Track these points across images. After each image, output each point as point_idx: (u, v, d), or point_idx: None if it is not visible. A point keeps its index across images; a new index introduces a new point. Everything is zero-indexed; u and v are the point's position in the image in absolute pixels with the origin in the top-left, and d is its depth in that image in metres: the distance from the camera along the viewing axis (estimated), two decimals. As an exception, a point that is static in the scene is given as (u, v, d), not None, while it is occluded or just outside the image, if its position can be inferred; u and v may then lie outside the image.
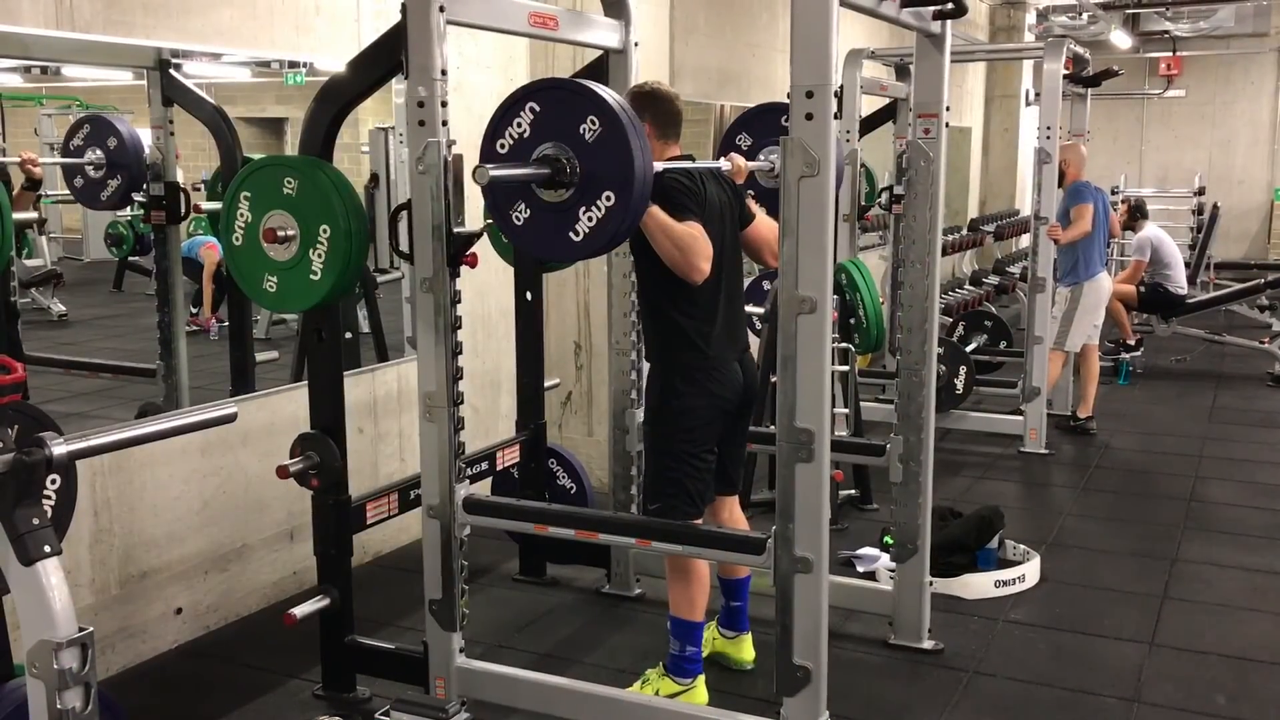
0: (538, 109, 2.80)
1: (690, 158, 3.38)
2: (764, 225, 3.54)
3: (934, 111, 3.66)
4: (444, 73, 3.00)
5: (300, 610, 3.27)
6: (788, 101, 2.62)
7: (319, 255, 3.05)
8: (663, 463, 3.32)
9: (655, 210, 3.06)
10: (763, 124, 4.05)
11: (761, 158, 3.94)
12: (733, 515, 3.58)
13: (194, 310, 6.09)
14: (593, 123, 2.72)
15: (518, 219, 2.86)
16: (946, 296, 7.82)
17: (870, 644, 3.90)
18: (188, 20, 3.74)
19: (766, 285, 6.07)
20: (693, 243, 3.09)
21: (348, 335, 4.26)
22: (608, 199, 2.74)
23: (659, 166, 3.05)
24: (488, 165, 2.75)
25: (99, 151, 4.19)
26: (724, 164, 3.40)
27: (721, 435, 3.37)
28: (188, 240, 5.57)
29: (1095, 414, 6.86)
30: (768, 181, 3.89)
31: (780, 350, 2.68)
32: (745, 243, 3.52)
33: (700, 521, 3.34)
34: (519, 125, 2.81)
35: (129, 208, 4.60)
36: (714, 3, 6.92)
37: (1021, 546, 4.62)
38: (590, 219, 2.76)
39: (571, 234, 2.79)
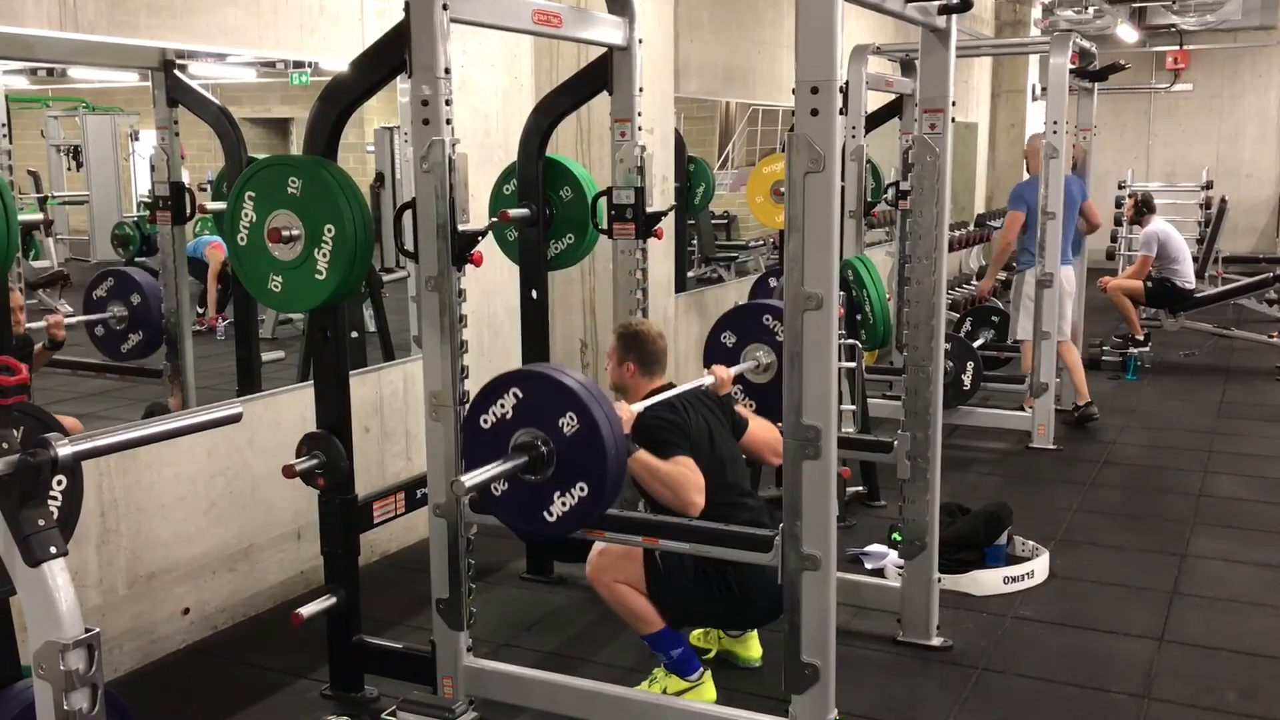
0: (520, 395, 2.86)
1: (670, 385, 3.43)
2: (759, 429, 3.57)
3: (940, 107, 3.64)
4: (448, 71, 3.00)
5: (307, 610, 3.27)
6: (792, 106, 2.62)
7: (324, 255, 3.05)
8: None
9: (641, 455, 3.11)
10: (746, 322, 4.03)
11: (750, 358, 3.94)
12: None
13: (200, 310, 6.10)
14: (571, 419, 2.78)
15: (496, 490, 2.93)
16: (953, 292, 7.81)
17: (879, 641, 3.89)
18: (192, 20, 3.74)
19: (773, 283, 6.07)
20: (683, 480, 3.12)
21: (354, 335, 4.26)
22: (581, 489, 2.81)
23: (639, 407, 3.15)
24: (463, 478, 2.76)
25: (121, 307, 4.32)
26: (706, 380, 3.41)
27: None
28: (193, 240, 5.57)
29: (1093, 399, 6.87)
30: (757, 378, 3.92)
31: (787, 347, 2.67)
32: (744, 449, 3.55)
33: None
34: (502, 406, 2.87)
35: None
36: (718, -1, 6.91)
37: (1030, 543, 4.60)
38: (564, 504, 2.84)
39: (546, 514, 2.87)
